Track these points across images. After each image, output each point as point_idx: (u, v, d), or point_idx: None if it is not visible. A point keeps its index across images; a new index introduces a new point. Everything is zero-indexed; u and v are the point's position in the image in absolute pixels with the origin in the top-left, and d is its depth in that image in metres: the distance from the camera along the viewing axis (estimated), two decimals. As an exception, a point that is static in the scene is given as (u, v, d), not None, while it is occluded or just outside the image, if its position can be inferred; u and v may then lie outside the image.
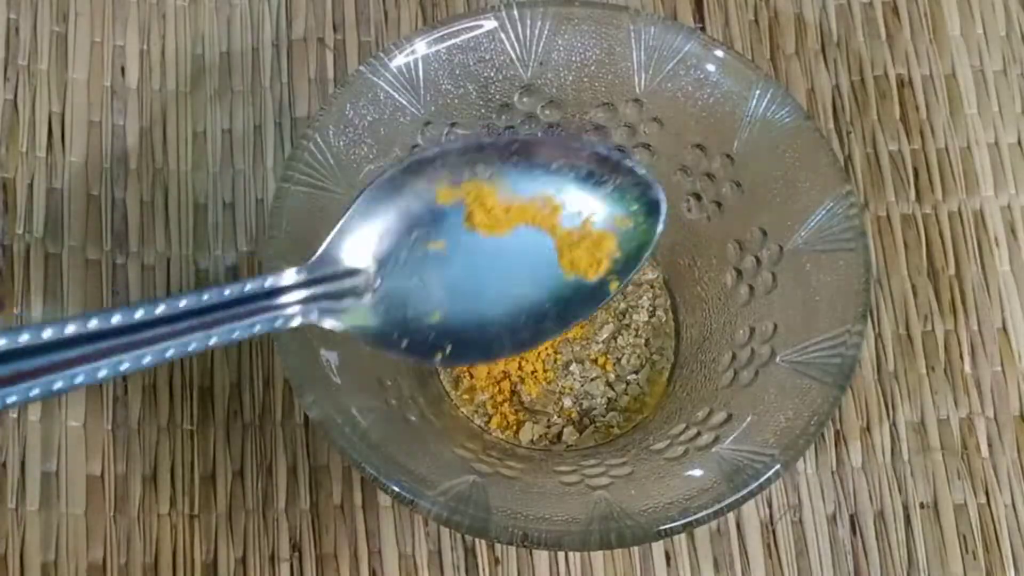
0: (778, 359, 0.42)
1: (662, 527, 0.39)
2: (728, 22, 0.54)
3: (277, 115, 0.53)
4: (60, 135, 0.51)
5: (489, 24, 0.45)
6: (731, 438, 0.41)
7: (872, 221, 0.51)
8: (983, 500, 0.48)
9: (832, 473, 0.48)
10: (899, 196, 0.52)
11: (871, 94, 0.53)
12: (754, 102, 0.45)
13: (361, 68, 0.45)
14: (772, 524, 0.47)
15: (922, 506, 0.47)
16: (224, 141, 0.52)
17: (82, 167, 0.51)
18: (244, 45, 0.54)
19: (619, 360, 0.48)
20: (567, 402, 0.48)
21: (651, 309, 0.49)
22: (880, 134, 0.52)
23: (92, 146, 0.52)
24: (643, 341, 0.49)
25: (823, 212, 0.43)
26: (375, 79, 0.45)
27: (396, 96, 0.45)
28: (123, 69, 0.53)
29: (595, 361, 0.48)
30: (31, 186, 0.50)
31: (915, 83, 0.53)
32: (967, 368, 0.49)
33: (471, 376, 0.48)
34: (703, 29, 0.54)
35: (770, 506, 0.48)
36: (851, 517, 0.47)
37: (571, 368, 0.48)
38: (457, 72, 0.45)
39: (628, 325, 0.49)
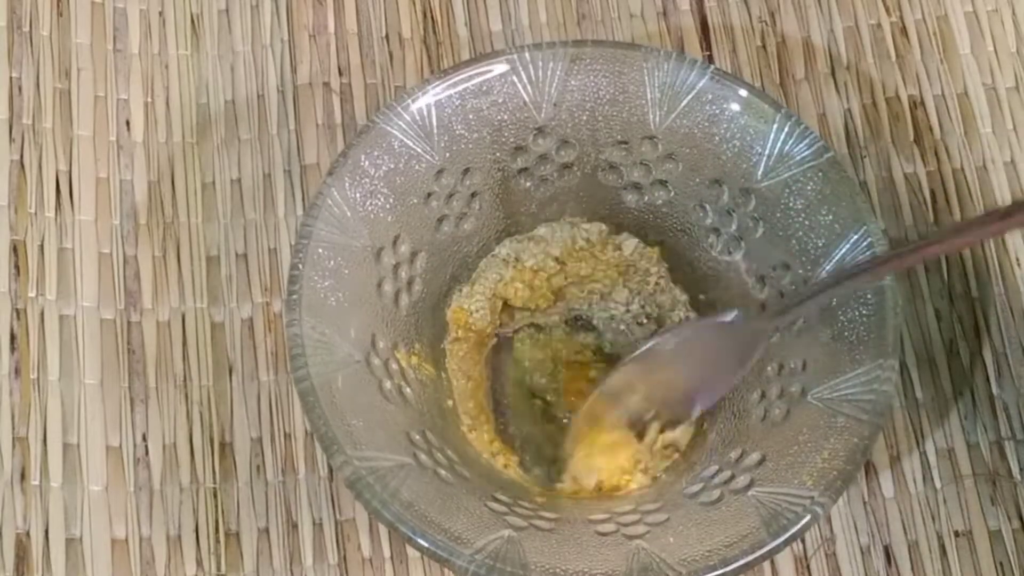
0: (809, 397, 0.42)
1: (704, 577, 0.38)
2: (735, 49, 0.54)
3: (286, 162, 0.52)
4: (68, 193, 0.51)
5: (501, 68, 0.45)
6: (767, 480, 0.40)
7: (891, 246, 0.51)
8: (1017, 525, 0.47)
9: (864, 504, 0.47)
10: (917, 219, 0.51)
11: (883, 117, 0.52)
12: (772, 136, 0.44)
13: (375, 117, 0.44)
14: (807, 559, 0.47)
15: (957, 534, 0.47)
16: (234, 191, 0.52)
17: (92, 225, 0.50)
18: (249, 92, 0.53)
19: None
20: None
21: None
22: (895, 157, 0.52)
23: (101, 203, 0.51)
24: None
25: (847, 246, 0.43)
26: (389, 128, 0.44)
27: (411, 144, 0.44)
28: (128, 123, 0.52)
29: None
30: (41, 247, 0.50)
31: (927, 104, 0.53)
32: (994, 391, 0.49)
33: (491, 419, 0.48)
34: (710, 58, 0.53)
35: (803, 540, 0.47)
36: (885, 548, 0.47)
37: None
38: (471, 117, 0.45)
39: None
